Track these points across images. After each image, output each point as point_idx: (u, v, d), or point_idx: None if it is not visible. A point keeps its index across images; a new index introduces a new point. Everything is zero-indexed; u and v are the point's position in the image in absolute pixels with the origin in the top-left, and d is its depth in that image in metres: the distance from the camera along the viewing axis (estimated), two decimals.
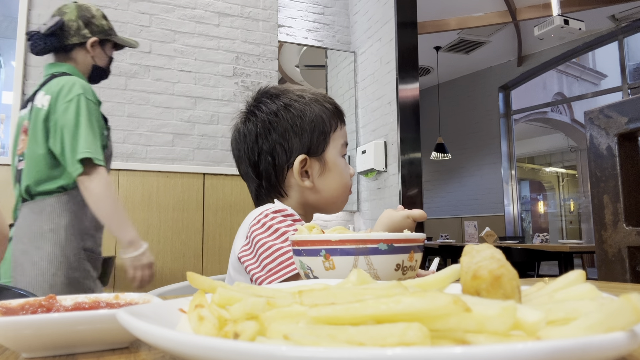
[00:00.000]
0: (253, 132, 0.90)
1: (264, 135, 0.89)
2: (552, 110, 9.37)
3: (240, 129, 0.92)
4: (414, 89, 3.58)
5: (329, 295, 0.27)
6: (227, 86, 3.26)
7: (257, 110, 0.91)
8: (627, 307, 0.21)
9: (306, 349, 0.19)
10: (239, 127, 0.93)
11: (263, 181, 0.90)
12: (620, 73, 7.02)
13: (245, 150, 0.91)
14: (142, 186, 2.81)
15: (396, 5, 3.57)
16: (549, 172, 12.09)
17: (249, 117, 0.92)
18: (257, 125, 0.90)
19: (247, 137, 0.91)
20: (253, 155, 0.90)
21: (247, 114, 0.93)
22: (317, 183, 0.90)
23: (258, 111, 0.91)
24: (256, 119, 0.90)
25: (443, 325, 0.22)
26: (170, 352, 0.23)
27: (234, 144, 0.94)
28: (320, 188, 0.90)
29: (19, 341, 0.33)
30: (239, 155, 0.93)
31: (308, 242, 0.55)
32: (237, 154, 0.94)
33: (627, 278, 1.12)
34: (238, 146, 0.93)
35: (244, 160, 0.92)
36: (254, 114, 0.91)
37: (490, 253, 0.29)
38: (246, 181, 0.95)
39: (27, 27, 2.76)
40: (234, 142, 0.94)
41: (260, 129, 0.89)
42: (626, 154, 1.16)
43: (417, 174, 3.52)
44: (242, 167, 0.93)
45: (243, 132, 0.91)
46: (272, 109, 0.90)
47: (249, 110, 0.93)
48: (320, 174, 0.90)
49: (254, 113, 0.91)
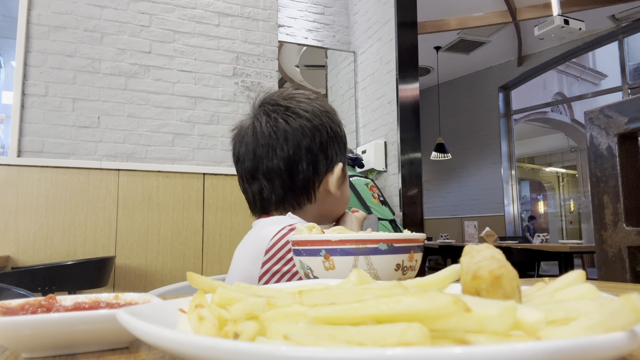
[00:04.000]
0: (299, 132, 0.84)
1: (311, 137, 0.85)
2: (552, 110, 9.37)
3: (281, 126, 0.85)
4: (414, 89, 3.58)
5: (329, 295, 0.27)
6: (227, 86, 3.26)
7: (300, 109, 0.86)
8: (627, 307, 0.21)
9: (306, 349, 0.19)
10: (279, 122, 0.85)
11: (297, 184, 0.85)
12: (620, 73, 7.02)
13: (284, 149, 0.84)
14: (142, 186, 2.81)
15: (396, 5, 3.57)
16: (549, 172, 12.09)
17: (290, 115, 0.86)
18: (303, 126, 0.85)
19: (289, 136, 0.84)
20: (294, 155, 0.84)
21: (285, 111, 0.86)
22: (341, 192, 0.91)
23: (302, 111, 0.86)
24: (300, 119, 0.85)
25: (443, 325, 0.22)
26: (170, 352, 0.23)
27: (262, 138, 0.85)
28: (340, 196, 0.91)
29: (19, 341, 0.33)
30: (267, 151, 0.85)
31: (308, 242, 0.55)
32: (264, 150, 0.85)
33: (627, 278, 1.12)
34: (271, 142, 0.84)
35: (275, 158, 0.84)
36: (296, 113, 0.86)
37: (490, 253, 0.29)
38: (265, 180, 0.86)
39: (27, 27, 2.76)
40: (263, 136, 0.85)
41: (307, 130, 0.85)
42: (626, 154, 1.16)
43: (417, 174, 3.52)
44: (267, 164, 0.85)
45: (284, 129, 0.84)
46: (316, 112, 0.87)
47: (287, 108, 0.86)
48: (342, 183, 0.91)
49: (297, 113, 0.86)
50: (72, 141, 2.82)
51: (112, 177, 2.74)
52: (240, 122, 0.92)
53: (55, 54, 2.82)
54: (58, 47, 2.83)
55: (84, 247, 2.64)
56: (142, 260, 2.75)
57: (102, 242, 2.69)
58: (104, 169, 2.73)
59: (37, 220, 2.57)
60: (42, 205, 2.58)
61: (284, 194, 0.86)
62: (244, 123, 0.91)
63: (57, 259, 2.57)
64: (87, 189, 2.69)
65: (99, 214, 2.69)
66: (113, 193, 2.74)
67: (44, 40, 2.79)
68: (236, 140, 0.90)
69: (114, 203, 2.73)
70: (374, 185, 3.26)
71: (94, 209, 2.69)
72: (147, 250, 2.77)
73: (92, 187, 2.70)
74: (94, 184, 2.70)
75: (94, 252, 2.65)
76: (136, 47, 3.03)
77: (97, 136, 2.88)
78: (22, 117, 2.71)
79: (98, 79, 2.91)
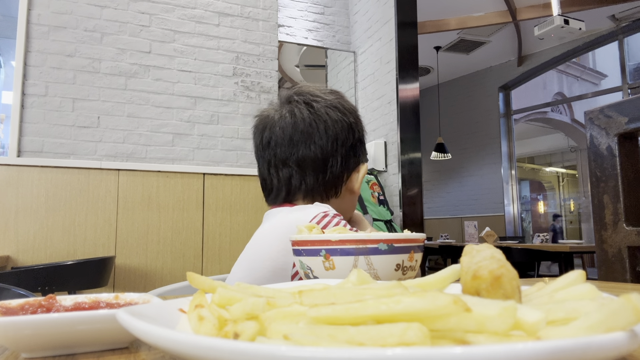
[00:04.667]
0: (338, 126, 0.86)
1: (347, 133, 0.87)
2: (552, 110, 9.37)
3: (322, 116, 0.85)
4: (414, 89, 3.58)
5: (329, 295, 0.27)
6: (227, 86, 3.26)
7: (340, 105, 0.88)
8: (627, 307, 0.21)
9: (306, 349, 0.19)
10: (321, 113, 0.86)
11: (328, 176, 0.86)
12: (620, 73, 7.02)
13: (322, 139, 0.84)
14: (142, 186, 2.81)
15: (396, 5, 3.57)
16: (549, 172, 12.09)
17: (331, 108, 0.87)
18: (342, 120, 0.86)
19: (329, 127, 0.85)
20: (331, 147, 0.85)
21: (327, 103, 0.87)
22: (358, 191, 0.93)
23: (341, 106, 0.88)
24: (340, 113, 0.87)
25: (443, 325, 0.22)
26: (170, 352, 0.23)
27: (302, 124, 0.85)
28: (356, 196, 0.94)
29: (19, 341, 0.33)
30: (306, 139, 0.84)
31: (308, 242, 0.55)
32: (302, 137, 0.85)
33: (627, 278, 1.12)
34: (311, 130, 0.85)
35: (313, 146, 0.84)
36: (337, 108, 0.87)
37: (490, 253, 0.29)
38: (298, 167, 0.85)
39: (27, 27, 2.76)
40: (304, 123, 0.85)
41: (345, 125, 0.87)
42: (626, 154, 1.16)
43: (417, 174, 3.52)
44: (303, 151, 0.84)
45: (325, 119, 0.85)
46: (352, 110, 0.89)
47: (329, 101, 0.87)
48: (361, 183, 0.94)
49: (338, 107, 0.87)
50: (72, 141, 2.82)
51: (112, 177, 2.74)
52: (262, 111, 0.92)
53: (55, 53, 2.81)
54: (58, 47, 2.83)
55: (83, 247, 2.64)
56: (142, 260, 2.75)
57: (102, 242, 2.69)
58: (103, 169, 2.73)
59: (37, 220, 2.57)
60: (42, 205, 2.58)
61: (314, 184, 0.86)
62: (269, 112, 0.90)
63: (57, 259, 2.57)
64: (87, 189, 2.69)
65: (99, 214, 2.69)
66: (113, 193, 2.74)
67: (43, 40, 2.79)
68: (265, 125, 0.89)
69: (114, 203, 2.73)
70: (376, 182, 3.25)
71: (94, 209, 2.69)
72: (147, 250, 2.77)
73: (92, 187, 2.70)
74: (94, 184, 2.70)
75: (93, 252, 2.65)
76: (136, 47, 3.03)
77: (97, 136, 2.88)
78: (22, 117, 2.71)
79: (98, 78, 2.91)
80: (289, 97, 0.89)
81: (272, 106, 0.91)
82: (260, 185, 0.93)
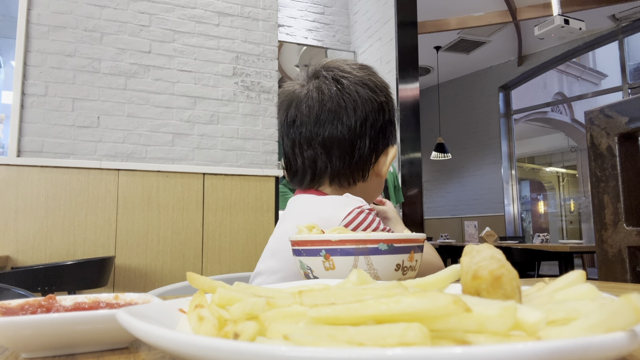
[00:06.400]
0: (368, 105, 0.81)
1: (377, 113, 0.82)
2: (552, 110, 9.37)
3: (352, 94, 0.80)
4: (414, 89, 3.58)
5: (329, 295, 0.27)
6: (227, 86, 3.26)
7: (370, 82, 0.83)
8: (628, 307, 0.21)
9: (306, 349, 0.19)
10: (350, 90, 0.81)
11: (355, 158, 0.81)
12: (620, 73, 7.02)
13: (351, 118, 0.80)
14: (142, 186, 2.81)
15: (396, 5, 3.57)
16: (549, 172, 12.09)
17: (360, 85, 0.81)
18: (372, 99, 0.81)
19: (358, 106, 0.80)
20: (360, 128, 0.80)
21: (357, 80, 0.82)
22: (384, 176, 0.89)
23: (372, 84, 0.83)
24: (370, 91, 0.81)
25: (443, 326, 0.22)
26: (170, 352, 0.23)
27: (330, 102, 0.80)
28: (383, 180, 0.89)
29: (19, 341, 0.33)
30: (333, 118, 0.80)
31: (308, 242, 0.55)
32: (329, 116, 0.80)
33: (628, 278, 1.12)
34: (338, 109, 0.80)
35: (340, 125, 0.80)
36: (367, 85, 0.82)
37: (490, 253, 0.29)
38: (323, 148, 0.81)
39: (27, 27, 2.76)
40: (331, 100, 0.80)
41: (376, 105, 0.81)
42: (626, 154, 1.16)
43: (417, 174, 3.52)
44: (330, 131, 0.80)
45: (354, 98, 0.80)
46: (382, 88, 0.84)
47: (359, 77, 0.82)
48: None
49: (368, 85, 0.82)
50: (71, 141, 2.82)
51: (111, 177, 2.74)
52: (286, 85, 0.87)
53: (55, 53, 2.81)
54: (58, 47, 2.82)
55: (83, 247, 2.64)
56: (141, 260, 2.75)
57: (102, 242, 2.69)
58: (103, 169, 2.73)
59: (37, 220, 2.57)
60: (41, 205, 2.58)
61: (341, 167, 0.81)
62: (294, 87, 0.85)
63: (57, 259, 2.57)
64: (87, 189, 2.69)
65: (99, 214, 2.69)
66: (113, 193, 2.74)
67: (43, 40, 2.79)
68: (291, 101, 0.84)
69: (114, 203, 2.73)
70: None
71: (94, 209, 2.69)
72: (147, 250, 2.77)
73: (92, 187, 2.70)
74: (94, 184, 2.70)
75: (93, 252, 2.65)
76: (136, 47, 3.03)
77: (97, 136, 2.88)
78: (21, 117, 2.71)
79: (98, 78, 2.91)
80: (317, 71, 0.85)
81: (298, 80, 0.87)
82: (284, 165, 0.88)
